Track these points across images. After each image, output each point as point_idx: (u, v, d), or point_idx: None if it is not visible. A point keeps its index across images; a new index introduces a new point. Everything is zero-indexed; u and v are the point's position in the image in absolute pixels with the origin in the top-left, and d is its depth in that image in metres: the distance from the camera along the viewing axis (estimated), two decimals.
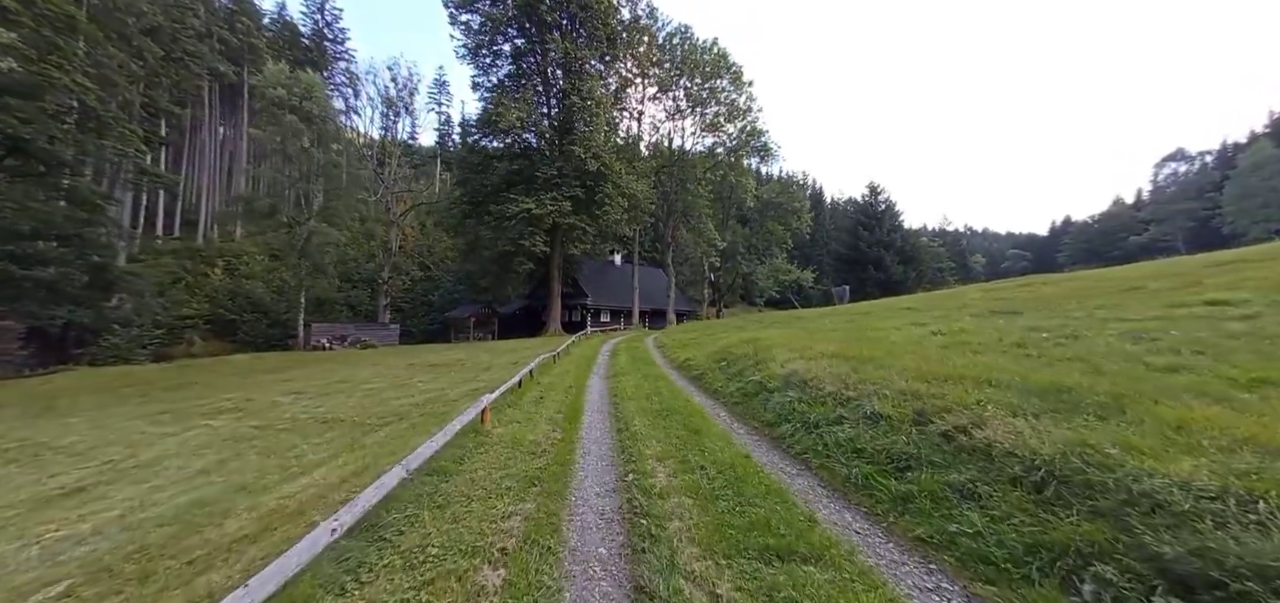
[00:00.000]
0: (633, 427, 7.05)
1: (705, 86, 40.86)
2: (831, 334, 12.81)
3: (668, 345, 19.94)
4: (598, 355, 18.68)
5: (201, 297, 43.50)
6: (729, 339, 15.92)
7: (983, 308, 13.98)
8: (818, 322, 18.80)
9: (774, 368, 8.88)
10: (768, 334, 14.37)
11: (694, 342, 19.19)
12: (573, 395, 9.68)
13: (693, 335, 22.36)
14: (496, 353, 23.13)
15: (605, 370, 14.28)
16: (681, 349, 17.78)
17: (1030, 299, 14.47)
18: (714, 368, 11.74)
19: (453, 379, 14.78)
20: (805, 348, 10.18)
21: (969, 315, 13.00)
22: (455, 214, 37.04)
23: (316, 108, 31.02)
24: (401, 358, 24.56)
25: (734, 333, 19.39)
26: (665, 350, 19.04)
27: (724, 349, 13.35)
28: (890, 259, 48.15)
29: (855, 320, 16.67)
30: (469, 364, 18.92)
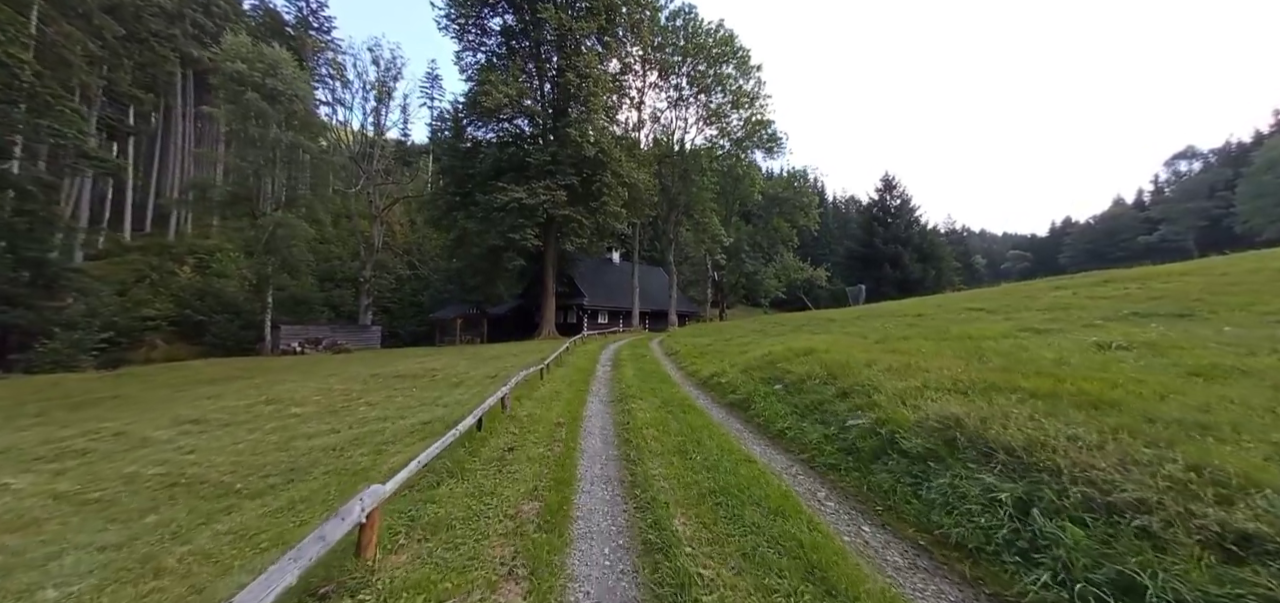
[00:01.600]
0: (679, 543, 3.45)
1: (710, 71, 37.39)
2: (911, 343, 9.28)
3: (680, 353, 16.35)
4: (596, 367, 15.06)
5: (167, 296, 39.39)
6: (762, 347, 12.37)
7: (1103, 309, 10.52)
8: (863, 324, 15.27)
9: (885, 402, 5.32)
10: (816, 341, 10.84)
11: (712, 349, 15.63)
12: (561, 449, 6.05)
13: (707, 341, 18.80)
14: (478, 361, 19.46)
15: (608, 391, 10.68)
16: (699, 359, 14.21)
17: (1156, 297, 11.02)
18: (762, 391, 8.18)
19: (408, 401, 11.12)
20: (909, 366, 6.64)
21: (1098, 318, 9.53)
22: (440, 206, 33.26)
23: (283, 86, 27.23)
24: (369, 365, 20.82)
25: (763, 339, 15.87)
26: (678, 360, 15.46)
27: (765, 363, 9.80)
28: (908, 257, 44.77)
29: (920, 323, 13.14)
30: (441, 376, 15.25)
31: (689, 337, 22.13)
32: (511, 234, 28.00)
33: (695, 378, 11.92)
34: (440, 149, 32.11)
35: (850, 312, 19.57)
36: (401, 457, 6.03)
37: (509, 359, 19.34)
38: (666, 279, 42.53)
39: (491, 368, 16.45)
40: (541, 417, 7.76)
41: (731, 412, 8.21)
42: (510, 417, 7.78)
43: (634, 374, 12.75)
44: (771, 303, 47.31)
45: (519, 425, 7.21)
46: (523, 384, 10.71)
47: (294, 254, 30.16)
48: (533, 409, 8.39)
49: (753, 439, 6.48)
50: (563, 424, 7.26)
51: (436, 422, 8.29)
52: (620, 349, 20.48)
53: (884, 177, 48.39)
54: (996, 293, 17.70)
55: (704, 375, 11.54)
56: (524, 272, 37.13)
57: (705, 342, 18.57)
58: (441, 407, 9.90)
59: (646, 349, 19.63)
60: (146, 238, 46.28)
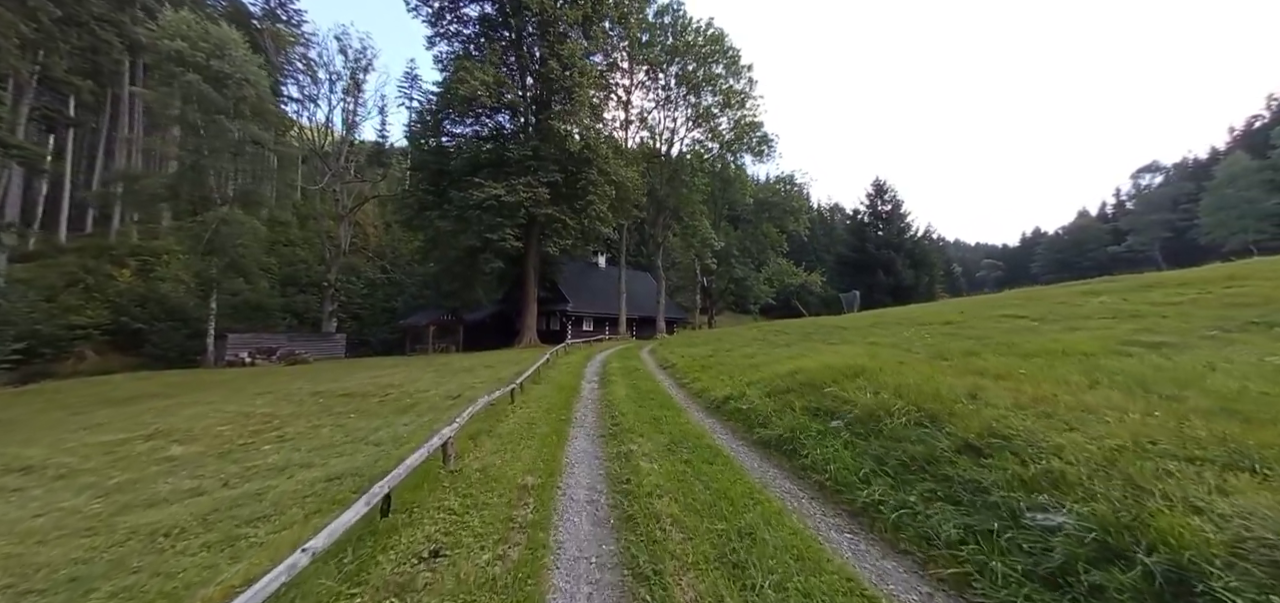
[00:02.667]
0: None
1: (699, 71, 35.45)
2: (986, 360, 7.09)
3: (677, 366, 13.93)
4: (581, 383, 12.50)
5: (101, 303, 34.97)
6: (780, 362, 10.10)
7: (1204, 318, 8.58)
8: (887, 333, 13.12)
9: (1089, 479, 2.96)
10: (851, 356, 8.58)
11: (714, 362, 13.27)
12: (522, 550, 3.51)
13: (704, 350, 16.44)
14: (445, 374, 16.65)
15: (596, 421, 8.18)
16: (701, 373, 11.82)
17: (1247, 303, 9.17)
18: (811, 428, 5.82)
19: (334, 436, 8.38)
20: (1041, 399, 4.37)
21: (1211, 328, 7.52)
22: (412, 205, 30.19)
23: (232, 69, 23.96)
24: (318, 380, 17.76)
25: (770, 349, 13.61)
26: (676, 375, 13.02)
27: (798, 383, 7.50)
28: (901, 263, 43.47)
29: (959, 332, 11.01)
30: (393, 395, 12.46)
31: (682, 346, 19.75)
32: (489, 234, 25.23)
33: (703, 400, 9.49)
34: (415, 144, 29.09)
35: (856, 319, 17.60)
36: (247, 565, 3.40)
37: (481, 372, 16.62)
38: (654, 285, 40.17)
39: (457, 384, 13.72)
40: (501, 473, 5.19)
41: (769, 457, 5.81)
42: (455, 472, 5.19)
43: (627, 394, 10.25)
44: (760, 310, 45.42)
45: (463, 493, 4.64)
46: (486, 413, 8.10)
47: (243, 254, 26.63)
48: (491, 457, 5.82)
49: (825, 516, 4.07)
50: (531, 490, 4.71)
51: (351, 475, 5.65)
52: (608, 360, 17.94)
53: (875, 181, 47.31)
54: (1018, 297, 15.88)
55: (715, 397, 9.13)
56: (504, 275, 34.26)
57: (702, 352, 16.21)
58: (371, 446, 7.23)
59: (637, 360, 17.15)
60: (85, 239, 41.54)
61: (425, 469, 5.07)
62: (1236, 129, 66.00)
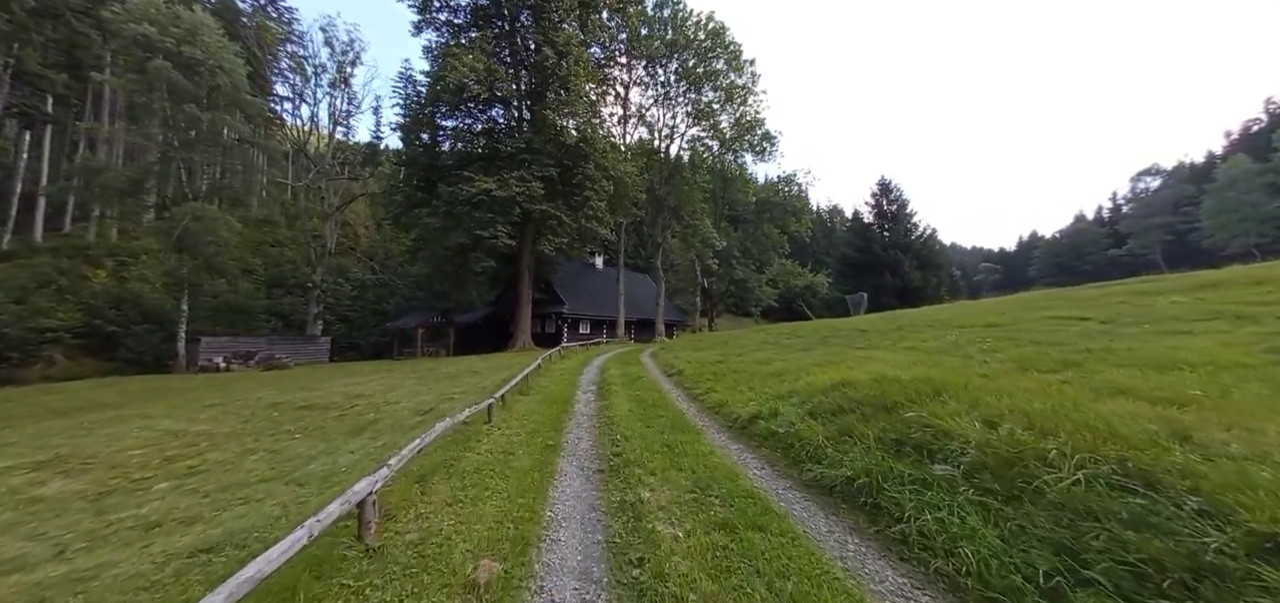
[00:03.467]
0: None
1: (699, 67, 33.82)
2: (1096, 375, 5.31)
3: (685, 374, 12.09)
4: (575, 395, 10.64)
5: (74, 305, 32.78)
6: (817, 372, 8.32)
7: None
8: (922, 337, 11.33)
9: None
10: (889, 362, 6.81)
11: (726, 369, 11.46)
12: None
13: (710, 355, 14.63)
14: (425, 382, 14.78)
15: (593, 448, 6.37)
16: (714, 383, 10.02)
17: None
18: (893, 470, 4.00)
19: (258, 468, 6.53)
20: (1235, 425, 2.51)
21: None
22: (399, 201, 28.27)
23: (204, 55, 22.07)
24: (285, 389, 15.84)
25: (787, 354, 11.86)
26: (684, 384, 11.20)
27: (852, 401, 5.70)
28: (908, 263, 41.76)
29: (1012, 335, 9.23)
30: (357, 410, 10.58)
31: (687, 350, 17.93)
32: (480, 232, 23.36)
33: (723, 417, 7.67)
34: (407, 141, 27.21)
35: (873, 322, 15.87)
36: None
37: (465, 379, 14.73)
38: (653, 286, 38.38)
39: (434, 394, 11.83)
40: (444, 551, 3.34)
41: (838, 513, 3.99)
42: (374, 551, 3.33)
43: (630, 410, 8.42)
44: (762, 313, 43.64)
45: (383, 585, 2.79)
46: (454, 437, 6.25)
47: (218, 253, 24.65)
48: (440, 515, 3.97)
49: None
50: (485, 591, 2.86)
51: (230, 546, 3.78)
52: (607, 366, 16.09)
53: (880, 180, 45.62)
54: (1062, 298, 14.17)
55: (737, 414, 7.31)
56: (497, 276, 32.38)
57: (710, 357, 14.40)
58: (293, 486, 5.37)
59: (639, 366, 15.31)
60: (61, 238, 39.35)
61: (332, 543, 3.23)
62: (1232, 134, 65.20)
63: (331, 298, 41.12)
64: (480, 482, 4.75)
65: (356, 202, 44.15)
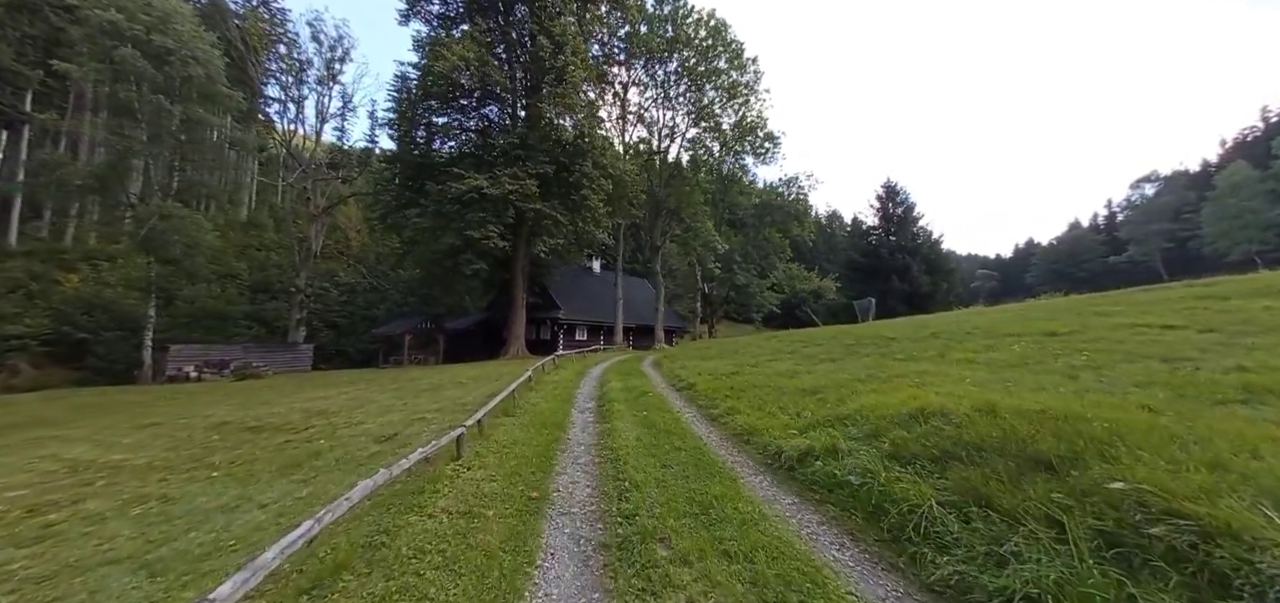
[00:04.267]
0: None
1: (700, 65, 32.38)
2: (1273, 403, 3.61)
3: (697, 389, 10.35)
4: (570, 415, 8.87)
5: (43, 310, 30.62)
6: (874, 394, 6.63)
7: None
8: (971, 346, 9.66)
9: None
10: (950, 378, 5.10)
11: (744, 383, 9.76)
12: None
13: (726, 367, 12.90)
14: (401, 396, 12.96)
15: (592, 498, 4.63)
16: (736, 401, 8.32)
17: None
18: None
19: (122, 537, 4.65)
20: None
21: None
22: (387, 201, 26.48)
23: (176, 44, 20.34)
24: (245, 404, 13.99)
25: (811, 365, 10.17)
26: (697, 400, 9.45)
27: (951, 437, 3.95)
28: (917, 268, 40.08)
29: (1081, 346, 7.55)
30: (315, 430, 8.80)
31: (693, 359, 16.17)
32: (470, 232, 21.60)
33: (759, 451, 5.91)
34: (400, 139, 25.46)
35: (907, 330, 14.23)
36: None
37: (448, 391, 12.92)
38: (652, 292, 36.67)
39: (406, 413, 10.01)
40: None
41: None
42: None
43: (639, 438, 6.64)
44: (764, 319, 41.94)
45: None
46: (404, 488, 4.48)
47: (190, 255, 22.74)
48: None
49: None
50: None
51: None
52: (606, 376, 14.30)
53: (886, 183, 43.99)
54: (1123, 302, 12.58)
55: (779, 448, 5.56)
56: (490, 280, 30.56)
57: (721, 368, 12.67)
58: (145, 577, 3.55)
59: (642, 377, 13.53)
60: (36, 242, 37.21)
61: None
62: (1228, 142, 64.66)
63: (319, 304, 39.12)
64: (415, 587, 2.97)
65: (347, 205, 42.30)
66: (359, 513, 3.93)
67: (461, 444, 5.88)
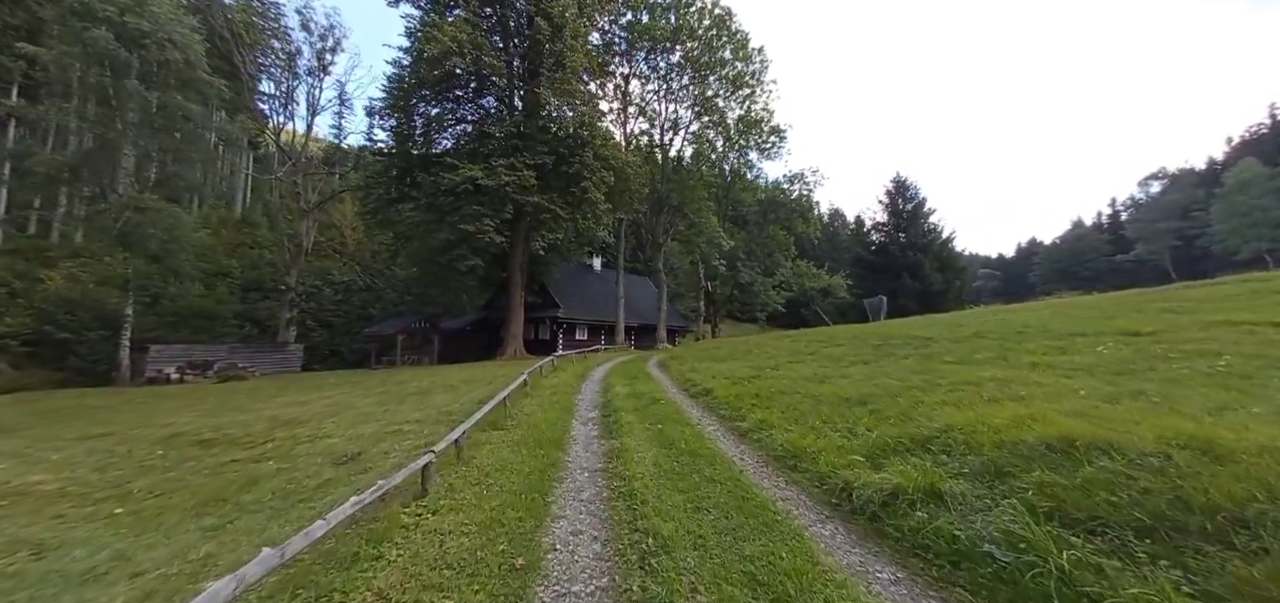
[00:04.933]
0: None
1: (703, 56, 30.96)
2: None
3: (715, 395, 8.96)
4: (570, 428, 7.48)
5: (25, 309, 29.14)
6: (962, 410, 5.16)
7: None
8: (1030, 347, 8.29)
9: None
10: (1041, 389, 3.70)
11: (768, 389, 8.41)
12: None
13: (743, 369, 11.53)
14: (388, 400, 11.61)
15: (603, 579, 3.08)
16: (764, 412, 6.97)
17: None
18: None
19: None
20: None
21: None
22: (377, 194, 25.05)
23: (152, 26, 18.94)
24: (216, 411, 12.61)
25: (849, 368, 8.81)
26: (716, 408, 8.06)
27: (1142, 485, 2.51)
28: (929, 265, 38.45)
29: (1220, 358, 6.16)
30: (274, 446, 7.46)
31: (704, 361, 14.76)
32: (464, 226, 20.19)
33: (813, 482, 4.51)
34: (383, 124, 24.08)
35: (944, 330, 12.83)
36: None
37: (436, 398, 11.54)
38: (653, 290, 35.27)
39: (381, 424, 8.61)
40: None
41: None
42: None
43: (657, 465, 5.22)
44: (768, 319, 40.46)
45: None
46: (342, 543, 3.10)
47: (170, 251, 21.33)
48: None
49: None
50: None
51: None
52: (610, 380, 12.88)
53: (895, 178, 42.31)
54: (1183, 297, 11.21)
55: (845, 483, 4.16)
56: (487, 278, 29.14)
57: (738, 371, 11.29)
58: None
59: (650, 382, 12.11)
60: (27, 240, 35.73)
61: None
62: (1234, 139, 63.31)
63: (312, 303, 37.68)
64: None
65: (343, 202, 40.87)
66: None
67: (428, 476, 4.47)
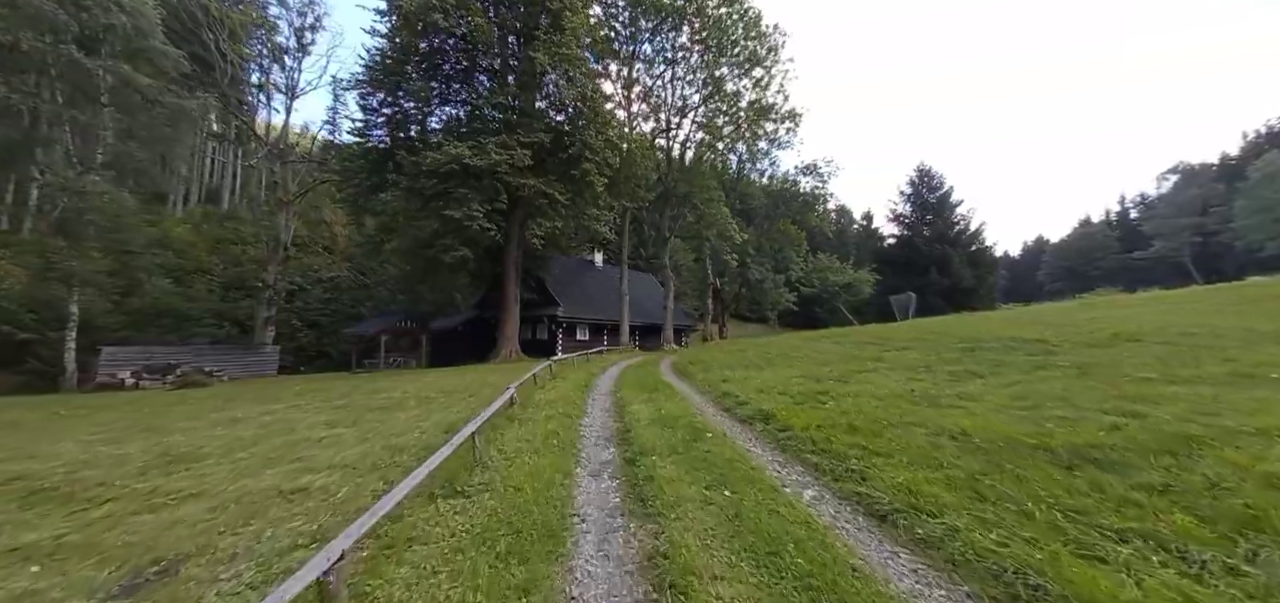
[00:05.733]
0: None
1: (712, 38, 28.12)
2: None
3: (777, 419, 6.08)
4: (575, 478, 4.60)
5: None
6: None
7: None
8: (1206, 361, 5.42)
9: None
10: None
11: (852, 412, 5.50)
12: None
13: (800, 381, 8.75)
14: (343, 419, 8.77)
15: None
16: (882, 456, 3.99)
17: None
18: None
19: None
20: None
21: None
22: (356, 181, 22.20)
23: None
24: (74, 429, 9.63)
25: (960, 386, 5.86)
26: (786, 443, 5.15)
27: None
28: (958, 261, 35.22)
29: None
30: (164, 495, 4.40)
31: (736, 368, 11.92)
32: (449, 212, 17.35)
33: None
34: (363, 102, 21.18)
35: (1022, 326, 10.06)
36: None
37: (401, 415, 8.73)
38: (658, 287, 32.45)
39: (278, 475, 5.73)
40: None
41: None
42: None
43: (761, 595, 2.39)
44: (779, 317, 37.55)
45: None
46: None
47: (120, 240, 18.51)
48: None
49: None
50: None
51: None
52: (621, 392, 10.01)
53: (919, 167, 39.01)
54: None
55: None
56: (481, 273, 26.30)
57: (787, 379, 8.48)
58: None
59: (673, 397, 9.24)
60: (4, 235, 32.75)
61: None
62: (1249, 135, 60.58)
63: (298, 302, 34.81)
64: None
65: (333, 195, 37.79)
66: None
67: None
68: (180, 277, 32.65)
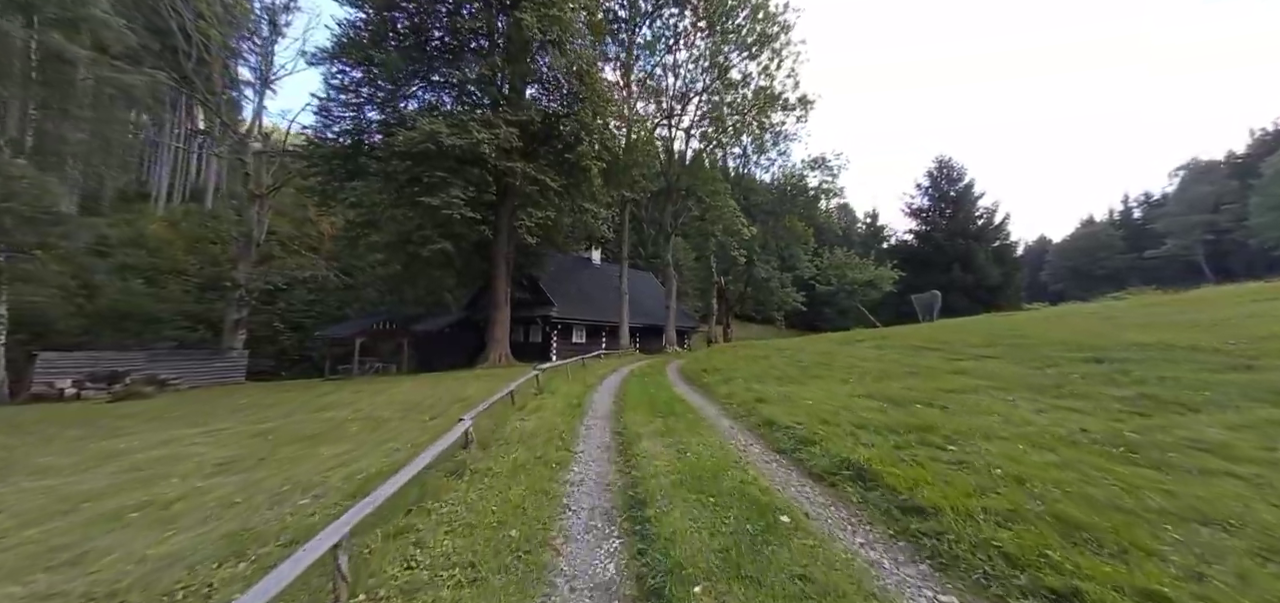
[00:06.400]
0: None
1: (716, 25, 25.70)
2: None
3: (924, 503, 3.54)
4: None
5: None
6: None
7: None
8: None
9: None
10: None
11: (1009, 458, 2.83)
12: None
13: (865, 401, 6.17)
14: (264, 449, 6.14)
15: None
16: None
17: None
18: None
19: None
20: None
21: None
22: (326, 169, 19.66)
23: None
24: None
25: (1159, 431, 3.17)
26: (915, 534, 2.63)
27: None
28: (984, 257, 32.58)
29: None
30: None
31: (765, 381, 9.44)
32: (425, 198, 14.84)
33: None
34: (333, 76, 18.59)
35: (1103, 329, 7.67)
36: None
37: (339, 443, 6.18)
38: (658, 286, 29.99)
39: (125, 549, 3.18)
40: None
41: None
42: None
43: None
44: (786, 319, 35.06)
45: None
46: None
47: (54, 233, 15.98)
48: None
49: None
50: None
51: None
52: (625, 418, 7.47)
53: (938, 159, 36.48)
54: None
55: None
56: (466, 268, 23.79)
57: (851, 398, 6.00)
58: None
59: (697, 426, 6.71)
60: None
61: None
62: (1257, 131, 58.41)
63: (280, 303, 32.24)
64: None
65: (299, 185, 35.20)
66: None
67: None
68: (153, 277, 30.00)
